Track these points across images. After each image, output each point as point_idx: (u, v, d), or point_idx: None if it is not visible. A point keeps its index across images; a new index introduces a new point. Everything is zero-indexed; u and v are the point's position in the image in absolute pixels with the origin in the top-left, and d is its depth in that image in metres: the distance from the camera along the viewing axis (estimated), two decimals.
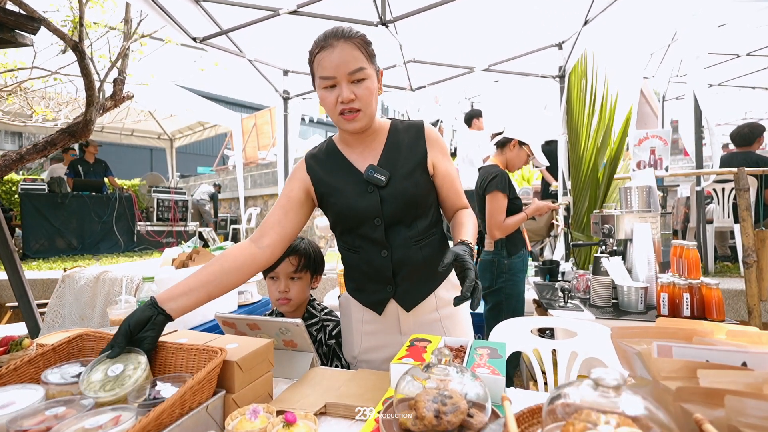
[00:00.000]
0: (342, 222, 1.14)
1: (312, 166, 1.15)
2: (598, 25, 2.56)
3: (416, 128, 1.15)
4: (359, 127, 1.05)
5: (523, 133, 2.29)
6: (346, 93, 0.99)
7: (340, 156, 1.14)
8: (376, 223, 1.09)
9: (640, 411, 0.48)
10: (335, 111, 1.03)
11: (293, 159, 3.93)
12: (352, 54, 1.00)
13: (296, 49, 3.25)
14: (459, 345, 1.01)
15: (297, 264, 1.40)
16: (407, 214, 1.10)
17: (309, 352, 1.14)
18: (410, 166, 1.10)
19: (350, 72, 0.99)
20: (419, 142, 1.13)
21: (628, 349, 0.78)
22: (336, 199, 1.11)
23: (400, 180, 1.08)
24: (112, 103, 2.70)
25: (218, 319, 1.17)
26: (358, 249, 1.14)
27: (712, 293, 1.61)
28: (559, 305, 1.90)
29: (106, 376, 0.79)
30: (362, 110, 1.02)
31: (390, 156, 1.11)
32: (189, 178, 12.26)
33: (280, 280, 1.39)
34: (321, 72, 1.01)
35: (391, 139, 1.13)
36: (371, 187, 1.08)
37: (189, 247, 2.46)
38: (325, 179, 1.13)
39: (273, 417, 0.78)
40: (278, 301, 1.39)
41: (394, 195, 1.07)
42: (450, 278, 1.20)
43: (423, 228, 1.12)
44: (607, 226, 2.03)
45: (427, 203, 1.14)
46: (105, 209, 6.03)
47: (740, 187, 2.68)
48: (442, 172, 1.15)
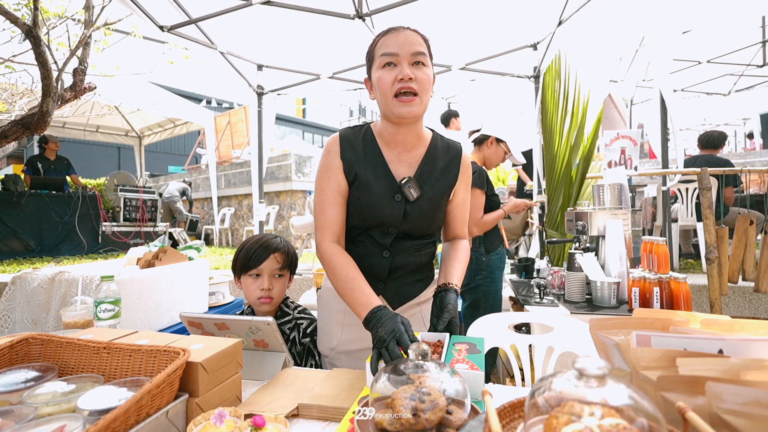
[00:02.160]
0: (358, 219, 1.11)
1: (346, 150, 1.10)
2: (572, 27, 2.62)
3: (455, 152, 1.16)
4: (414, 112, 1.01)
5: (500, 130, 2.30)
6: (406, 70, 0.98)
7: (377, 151, 1.10)
8: (390, 232, 1.11)
9: (625, 401, 0.46)
10: (391, 91, 0.99)
11: (268, 158, 3.83)
12: (417, 39, 1.01)
13: (271, 43, 3.16)
14: (437, 339, 0.99)
15: (282, 261, 1.39)
16: (419, 230, 1.13)
17: (281, 352, 1.09)
18: (439, 190, 1.11)
19: (413, 53, 0.99)
20: (453, 168, 1.14)
21: (607, 341, 0.77)
22: (362, 195, 1.08)
23: (427, 201, 1.10)
24: (72, 94, 2.54)
25: (183, 320, 1.10)
26: (360, 244, 1.14)
27: (680, 287, 1.65)
28: (534, 301, 1.91)
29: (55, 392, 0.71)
30: (419, 96, 1.00)
31: (424, 173, 1.10)
32: (159, 178, 11.82)
33: (264, 277, 1.35)
34: (384, 49, 1.00)
35: (430, 154, 1.12)
36: (399, 196, 1.08)
37: (156, 246, 2.34)
38: (357, 168, 1.08)
39: (240, 421, 0.73)
40: (260, 299, 1.35)
41: (417, 213, 1.09)
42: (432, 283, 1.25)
43: (426, 242, 1.17)
44: (580, 223, 2.06)
45: (437, 224, 1.18)
46: (66, 209, 5.69)
47: (703, 186, 2.79)
48: (458, 201, 1.18)
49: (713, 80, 5.77)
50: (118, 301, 1.23)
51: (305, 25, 2.84)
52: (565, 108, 3.02)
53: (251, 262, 1.34)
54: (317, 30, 2.91)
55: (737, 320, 0.72)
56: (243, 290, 1.37)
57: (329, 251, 1.07)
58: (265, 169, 3.91)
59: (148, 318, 1.85)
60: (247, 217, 8.56)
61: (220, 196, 8.84)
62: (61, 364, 0.84)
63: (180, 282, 2.08)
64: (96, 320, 1.19)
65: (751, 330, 0.70)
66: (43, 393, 0.71)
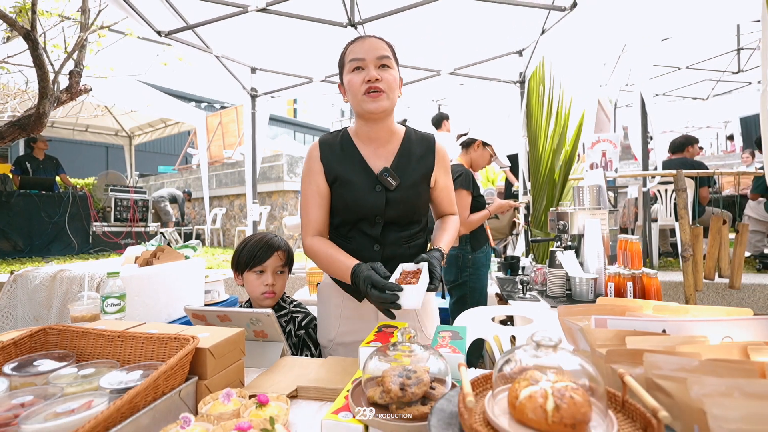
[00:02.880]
0: (345, 213, 1.20)
1: (325, 152, 1.21)
2: (554, 35, 2.74)
3: (428, 142, 1.24)
4: (381, 107, 1.11)
5: (487, 134, 2.41)
6: (373, 72, 1.09)
7: (354, 149, 1.20)
8: (377, 221, 1.18)
9: (575, 367, 0.56)
10: (360, 90, 1.10)
11: (260, 158, 3.89)
12: (381, 45, 1.12)
13: (265, 47, 3.23)
14: (415, 269, 1.08)
15: (284, 259, 1.48)
16: (405, 218, 1.20)
17: (279, 342, 1.17)
18: (417, 177, 1.19)
19: (378, 57, 1.10)
20: (429, 156, 1.22)
21: (572, 326, 0.87)
22: (345, 191, 1.17)
23: (406, 188, 1.17)
24: (68, 96, 2.57)
25: (188, 312, 1.17)
26: (351, 239, 1.21)
27: (651, 282, 1.77)
28: (518, 296, 2.02)
29: (77, 374, 0.79)
30: (386, 92, 1.10)
31: (401, 163, 1.19)
32: (149, 178, 11.73)
33: (267, 274, 1.44)
34: (352, 55, 1.11)
35: (405, 146, 1.22)
36: (380, 186, 1.16)
37: (153, 245, 2.40)
38: (337, 168, 1.18)
39: (246, 400, 0.81)
40: (263, 294, 1.43)
41: (398, 200, 1.16)
42: None
43: (414, 231, 1.23)
44: (562, 222, 2.17)
45: (422, 211, 1.25)
46: (56, 209, 5.67)
47: (679, 187, 2.94)
48: (441, 186, 1.26)
49: (693, 85, 5.98)
50: (124, 296, 1.30)
51: (299, 31, 2.92)
52: (549, 113, 3.15)
53: (256, 259, 1.42)
54: (311, 36, 2.98)
55: (683, 306, 0.83)
56: (246, 286, 1.44)
57: (310, 242, 1.20)
58: (258, 170, 3.97)
59: (148, 314, 1.91)
60: (238, 217, 8.57)
61: (212, 197, 8.83)
62: (77, 352, 0.92)
63: (177, 280, 2.14)
64: (103, 314, 1.25)
65: (692, 313, 0.81)
66: (66, 374, 0.78)
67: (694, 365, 0.56)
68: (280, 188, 7.76)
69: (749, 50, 4.90)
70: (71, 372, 0.79)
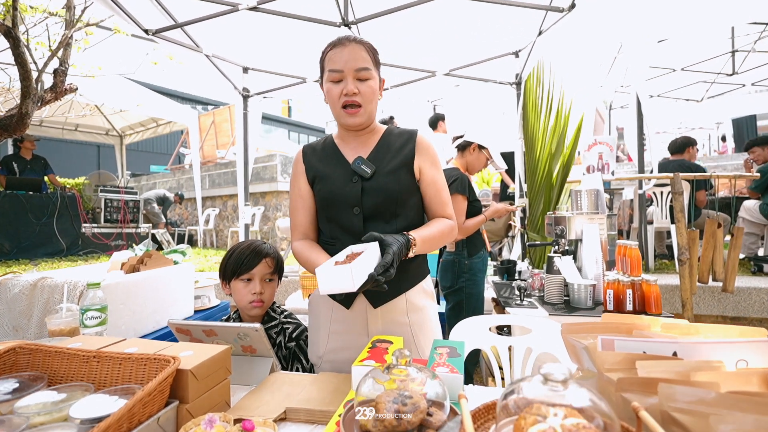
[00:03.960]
0: (324, 208, 1.18)
1: (308, 154, 1.23)
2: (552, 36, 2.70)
3: (409, 134, 1.22)
4: (358, 122, 1.13)
5: (483, 137, 2.37)
6: (350, 86, 1.08)
7: (333, 147, 1.21)
8: (355, 212, 1.13)
9: (585, 402, 0.51)
10: (338, 103, 1.11)
11: (253, 158, 3.82)
12: (361, 54, 1.09)
13: (257, 46, 3.16)
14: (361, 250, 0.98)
15: (273, 266, 1.44)
16: (386, 209, 1.14)
17: (269, 357, 1.12)
18: (395, 164, 1.15)
19: (357, 69, 1.08)
20: (408, 145, 1.19)
21: (576, 344, 0.83)
22: (322, 185, 1.17)
23: (384, 175, 1.13)
24: (52, 95, 2.49)
25: (171, 327, 1.11)
26: (335, 241, 1.17)
27: (651, 289, 1.74)
28: (515, 303, 1.98)
29: (46, 402, 0.72)
30: (363, 106, 1.10)
31: (379, 153, 1.17)
32: (141, 177, 11.58)
33: (255, 282, 1.39)
34: (331, 66, 1.10)
35: (384, 140, 1.20)
36: (356, 177, 1.13)
37: (141, 249, 2.33)
38: (316, 165, 1.20)
39: (230, 426, 0.75)
40: (251, 303, 1.38)
41: (375, 188, 1.12)
42: (422, 284, 1.22)
43: (402, 227, 1.14)
44: (560, 227, 2.14)
45: (407, 203, 1.16)
46: (44, 210, 5.54)
47: (675, 190, 2.92)
48: (428, 179, 1.18)
49: (687, 87, 6.00)
50: (105, 308, 1.24)
51: (292, 30, 2.86)
52: (548, 115, 3.12)
53: (243, 267, 1.37)
54: (304, 35, 2.92)
55: (694, 324, 0.79)
56: (233, 295, 1.39)
57: (295, 246, 1.20)
58: (251, 171, 3.90)
59: (134, 323, 1.85)
60: (231, 218, 8.48)
61: (205, 197, 8.72)
62: (50, 373, 0.85)
63: (166, 286, 2.08)
64: (82, 327, 1.19)
65: (704, 333, 0.76)
66: (35, 403, 0.72)
67: (713, 398, 0.51)
68: (274, 189, 7.68)
69: (744, 52, 4.92)
70: (39, 400, 0.73)
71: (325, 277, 0.89)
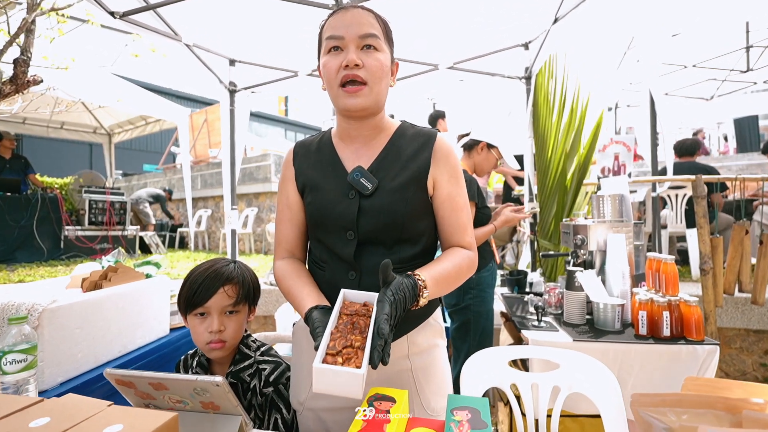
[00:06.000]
0: (313, 226, 0.94)
1: (299, 154, 1.00)
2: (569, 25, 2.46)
3: (425, 137, 0.94)
4: (361, 105, 0.85)
5: (492, 134, 2.13)
6: (352, 55, 0.82)
7: (331, 149, 0.96)
8: (348, 237, 0.88)
9: None
10: (336, 80, 0.85)
11: (240, 158, 3.57)
12: (368, 19, 0.85)
13: (245, 36, 2.90)
14: (363, 302, 0.81)
15: (236, 295, 1.11)
16: (388, 235, 0.89)
17: (236, 414, 0.87)
18: (404, 178, 0.90)
19: (361, 35, 0.84)
20: (423, 153, 0.91)
21: (655, 423, 0.59)
22: (312, 198, 0.93)
23: (389, 192, 0.88)
24: (12, 87, 2.21)
25: (110, 378, 0.86)
26: (324, 266, 0.94)
27: (691, 311, 1.51)
28: (532, 325, 1.74)
29: None
30: (368, 84, 0.84)
31: (385, 162, 0.92)
32: (132, 177, 11.28)
33: (212, 317, 1.08)
34: (330, 32, 0.85)
35: (394, 143, 0.93)
36: (353, 192, 0.88)
37: (109, 261, 2.08)
38: (307, 172, 0.96)
39: None
40: (209, 344, 1.08)
41: (376, 208, 0.88)
42: (429, 321, 0.96)
43: (407, 256, 0.90)
44: (579, 237, 1.90)
45: (417, 228, 0.91)
46: (24, 212, 5.25)
47: (698, 194, 2.69)
48: (443, 196, 0.92)
49: (697, 84, 5.78)
50: (34, 347, 0.99)
51: (282, 17, 2.60)
52: (561, 112, 2.88)
53: (196, 298, 1.08)
54: (295, 23, 2.67)
55: None
56: (191, 333, 1.12)
57: (277, 266, 0.97)
58: (239, 171, 3.65)
59: (93, 350, 1.59)
60: (224, 219, 8.21)
61: (197, 198, 8.45)
62: None
63: (134, 304, 1.82)
64: (2, 375, 0.94)
65: None
66: None
67: None
68: (268, 189, 7.42)
69: (760, 48, 4.70)
70: None
71: (324, 377, 0.66)
